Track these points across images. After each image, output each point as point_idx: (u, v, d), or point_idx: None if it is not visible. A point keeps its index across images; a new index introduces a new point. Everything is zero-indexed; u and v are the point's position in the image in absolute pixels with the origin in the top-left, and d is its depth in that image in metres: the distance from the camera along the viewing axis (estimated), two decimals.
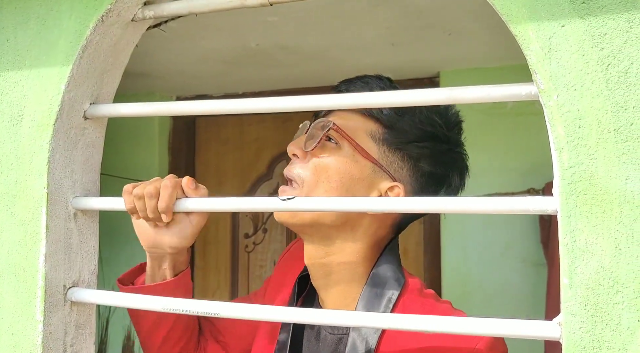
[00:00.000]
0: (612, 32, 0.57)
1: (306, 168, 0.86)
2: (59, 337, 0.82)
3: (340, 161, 0.85)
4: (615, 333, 0.56)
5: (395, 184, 0.86)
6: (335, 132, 0.86)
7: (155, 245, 0.90)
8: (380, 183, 0.86)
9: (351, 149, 0.86)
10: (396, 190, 0.86)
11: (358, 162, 0.85)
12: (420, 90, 0.70)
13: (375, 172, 0.86)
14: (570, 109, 0.59)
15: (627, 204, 0.56)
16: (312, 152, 0.87)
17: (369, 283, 0.86)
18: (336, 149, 0.86)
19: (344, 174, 0.85)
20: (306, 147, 0.87)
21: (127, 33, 0.86)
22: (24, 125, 0.83)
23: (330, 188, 0.84)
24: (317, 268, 0.89)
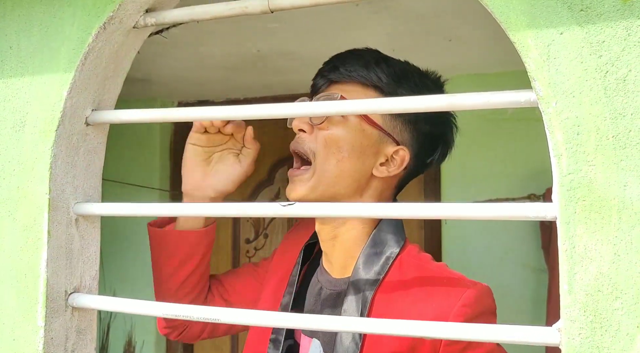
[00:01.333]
0: (610, 39, 0.58)
1: (315, 141, 0.90)
2: (60, 343, 0.82)
3: (349, 131, 0.89)
4: (614, 339, 0.56)
5: (400, 147, 0.92)
6: None
7: (199, 187, 0.94)
8: (386, 148, 0.91)
9: (357, 119, 0.90)
10: (401, 152, 0.91)
11: (365, 130, 0.90)
12: (420, 97, 0.71)
13: (381, 138, 0.91)
14: (569, 115, 0.59)
15: (626, 210, 0.56)
16: (319, 126, 0.90)
17: (370, 242, 0.91)
18: (343, 121, 0.90)
19: (353, 143, 0.89)
20: (313, 120, 0.90)
21: (128, 40, 0.86)
22: (27, 132, 0.84)
23: (342, 157, 0.89)
24: (327, 231, 0.94)
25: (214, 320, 0.77)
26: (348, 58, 0.93)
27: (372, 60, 0.92)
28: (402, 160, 0.91)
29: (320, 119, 0.89)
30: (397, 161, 0.91)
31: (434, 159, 0.97)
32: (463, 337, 0.67)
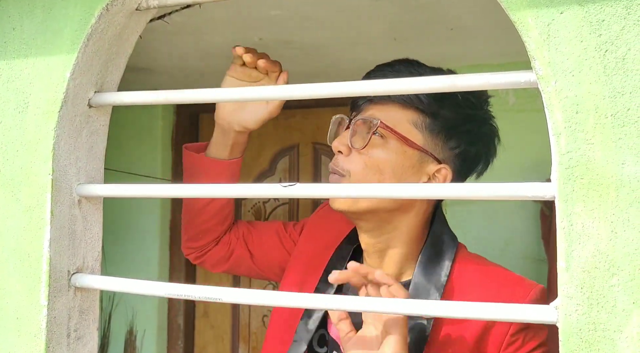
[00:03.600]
0: (610, 18, 0.58)
1: (354, 162, 0.91)
2: (63, 322, 0.83)
3: (390, 154, 0.89)
4: (610, 315, 0.57)
5: (442, 166, 0.91)
6: (382, 128, 0.89)
7: (227, 119, 1.02)
8: (428, 167, 0.91)
9: (398, 142, 0.90)
10: (443, 171, 0.91)
11: (406, 152, 0.90)
12: (422, 78, 0.71)
13: (422, 158, 0.91)
14: (568, 94, 0.60)
15: (624, 188, 0.57)
16: (360, 151, 0.90)
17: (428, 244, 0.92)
18: (383, 143, 0.90)
19: (394, 165, 0.89)
20: (354, 145, 0.90)
21: (131, 22, 0.87)
22: (30, 113, 0.84)
23: (383, 179, 0.89)
24: (371, 247, 0.95)
25: (216, 299, 0.78)
26: (388, 75, 0.91)
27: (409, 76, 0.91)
28: (444, 179, 0.91)
29: (361, 144, 0.90)
30: (439, 179, 0.92)
31: (475, 172, 0.99)
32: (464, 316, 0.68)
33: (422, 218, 0.94)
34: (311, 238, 1.08)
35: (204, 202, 1.07)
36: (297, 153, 2.68)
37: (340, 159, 0.92)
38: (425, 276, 0.89)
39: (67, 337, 0.84)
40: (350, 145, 0.91)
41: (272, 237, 1.13)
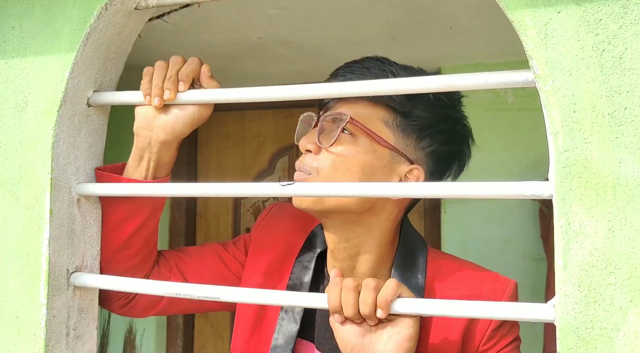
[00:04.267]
0: (607, 17, 0.58)
1: (322, 161, 0.86)
2: (62, 321, 0.83)
3: (359, 152, 0.85)
4: (607, 313, 0.57)
5: (414, 167, 0.88)
6: (351, 124, 0.85)
7: (150, 127, 0.84)
8: (399, 168, 0.87)
9: (368, 139, 0.86)
10: (415, 172, 0.88)
11: (376, 151, 0.86)
12: (419, 78, 0.72)
13: (394, 157, 0.87)
14: (565, 93, 0.60)
15: (621, 187, 0.57)
16: (328, 148, 0.86)
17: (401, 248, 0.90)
18: (352, 141, 0.86)
19: (364, 164, 0.85)
20: (322, 142, 0.86)
21: (130, 21, 0.87)
22: (29, 112, 0.84)
23: (352, 179, 0.85)
24: (341, 250, 0.90)
25: (215, 298, 0.78)
26: (356, 71, 0.87)
27: (381, 75, 0.86)
28: (416, 180, 0.88)
29: (329, 141, 0.85)
30: (411, 180, 0.88)
31: (449, 174, 0.94)
32: (464, 315, 0.68)
33: (394, 222, 0.90)
34: (261, 252, 0.99)
35: (126, 234, 0.89)
36: (296, 152, 2.68)
37: (309, 157, 0.87)
38: (403, 280, 0.87)
39: (66, 336, 0.84)
40: (319, 143, 0.86)
41: (213, 261, 1.00)
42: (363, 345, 0.75)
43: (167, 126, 0.84)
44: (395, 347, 0.73)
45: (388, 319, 0.74)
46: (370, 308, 0.72)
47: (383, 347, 0.74)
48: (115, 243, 0.90)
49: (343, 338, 0.76)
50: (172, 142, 0.86)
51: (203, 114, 0.85)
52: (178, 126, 0.84)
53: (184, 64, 0.83)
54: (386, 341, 0.74)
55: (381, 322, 0.74)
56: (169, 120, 0.84)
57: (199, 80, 0.84)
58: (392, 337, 0.74)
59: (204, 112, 0.85)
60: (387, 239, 0.90)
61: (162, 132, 0.84)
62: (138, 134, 0.86)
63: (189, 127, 0.85)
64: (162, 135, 0.85)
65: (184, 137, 0.88)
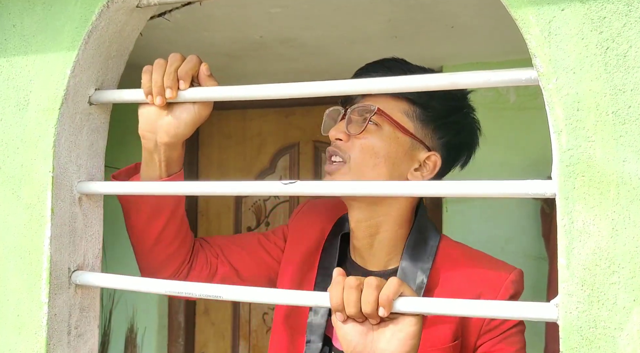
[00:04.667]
0: (612, 15, 0.58)
1: (352, 148, 0.95)
2: (64, 319, 0.83)
3: (384, 140, 0.94)
4: (611, 312, 0.57)
5: (432, 153, 0.97)
6: (378, 115, 0.94)
7: (153, 130, 0.87)
8: (419, 154, 0.96)
9: (392, 128, 0.95)
10: (433, 158, 0.97)
11: (399, 138, 0.95)
12: (423, 76, 0.72)
13: (414, 145, 0.96)
14: (569, 92, 0.59)
15: (624, 186, 0.57)
16: (357, 136, 0.95)
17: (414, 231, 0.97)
18: (378, 130, 0.95)
19: (388, 150, 0.94)
20: (350, 131, 0.95)
21: (132, 19, 0.87)
22: (30, 110, 0.84)
23: (378, 163, 0.94)
24: (363, 229, 0.97)
25: (216, 297, 0.78)
26: (379, 71, 0.96)
27: (401, 73, 0.94)
28: (434, 165, 0.97)
29: (358, 130, 0.94)
30: (429, 166, 0.97)
31: (459, 162, 1.03)
32: (465, 314, 0.68)
33: (411, 203, 0.98)
34: (298, 240, 1.08)
35: (157, 230, 0.95)
36: (297, 151, 2.68)
37: (339, 145, 0.96)
38: (411, 261, 0.94)
39: (67, 335, 0.84)
40: (347, 132, 0.95)
41: (256, 249, 1.09)
42: (365, 343, 0.75)
43: (170, 128, 0.86)
44: (398, 345, 0.73)
45: (390, 318, 0.74)
46: (372, 307, 0.72)
47: (385, 345, 0.74)
48: (150, 239, 0.97)
49: (345, 337, 0.76)
50: (176, 143, 0.89)
51: (203, 114, 0.87)
52: (180, 128, 0.86)
53: (183, 61, 0.84)
54: (388, 339, 0.74)
55: (383, 320, 0.74)
56: (172, 122, 0.86)
57: (198, 78, 0.85)
58: (395, 335, 0.74)
59: (204, 111, 0.87)
60: (403, 219, 0.97)
61: (166, 135, 0.87)
62: (143, 136, 0.89)
63: (190, 128, 0.87)
64: (166, 137, 0.87)
65: None
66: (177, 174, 0.93)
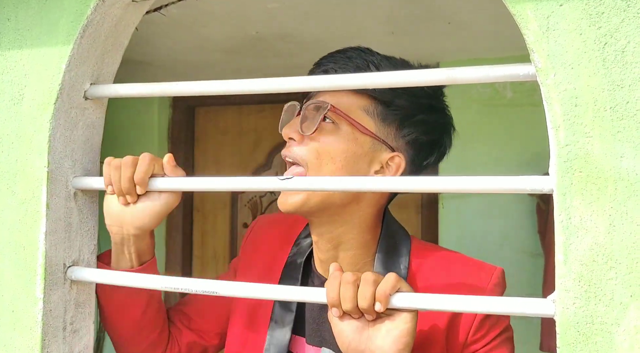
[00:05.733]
0: (610, 11, 0.58)
1: (307, 150, 0.87)
2: (59, 315, 0.83)
3: (341, 141, 0.86)
4: (608, 308, 0.57)
5: (395, 154, 0.89)
6: (332, 112, 0.87)
7: (120, 223, 0.85)
8: (381, 155, 0.88)
9: (350, 127, 0.87)
10: (396, 159, 0.89)
11: (358, 139, 0.87)
12: (420, 71, 0.71)
13: (375, 145, 0.88)
14: (567, 87, 0.59)
15: (622, 182, 0.57)
16: (310, 136, 0.87)
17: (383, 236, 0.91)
18: (334, 129, 0.87)
19: (346, 152, 0.86)
20: (304, 130, 0.87)
21: (127, 14, 0.86)
22: (25, 104, 0.84)
23: (335, 168, 0.86)
24: (325, 242, 0.91)
25: (213, 293, 0.78)
26: (339, 61, 0.88)
27: (362, 64, 0.87)
28: (397, 167, 0.89)
29: (311, 129, 0.86)
30: (392, 168, 0.89)
31: (429, 162, 0.95)
32: (465, 310, 0.68)
33: (375, 209, 0.91)
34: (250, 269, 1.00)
35: (136, 317, 0.93)
36: None
37: (294, 146, 0.88)
38: (385, 268, 0.88)
39: (62, 330, 0.83)
40: (301, 131, 0.87)
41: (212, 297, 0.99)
42: (360, 340, 0.74)
43: (136, 222, 0.85)
44: (393, 341, 0.73)
45: (386, 314, 0.73)
46: (369, 302, 0.72)
47: (381, 341, 0.73)
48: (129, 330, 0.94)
49: (341, 333, 0.75)
50: (144, 234, 0.88)
51: (171, 203, 0.85)
52: (146, 220, 0.85)
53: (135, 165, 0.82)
54: (384, 336, 0.73)
55: (379, 316, 0.74)
56: (138, 215, 0.84)
57: (163, 170, 0.83)
58: (390, 331, 0.73)
59: (171, 201, 0.85)
60: (368, 225, 0.90)
61: (132, 229, 0.86)
62: (110, 230, 0.87)
63: (157, 220, 0.85)
64: (133, 230, 0.86)
65: None
66: (149, 263, 0.91)
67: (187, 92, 0.83)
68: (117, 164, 0.83)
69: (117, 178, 0.82)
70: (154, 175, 0.83)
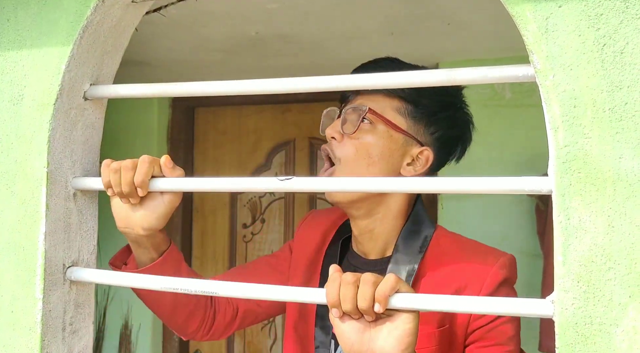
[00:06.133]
0: (609, 12, 0.58)
1: (347, 147, 0.98)
2: (59, 315, 0.83)
3: (378, 138, 0.97)
4: (607, 309, 0.57)
5: (424, 148, 1.00)
6: (370, 114, 0.97)
7: (128, 225, 0.89)
8: (412, 150, 0.99)
9: (385, 127, 0.98)
10: (425, 153, 1.00)
11: (392, 136, 0.98)
12: (420, 72, 0.72)
13: (407, 141, 0.99)
14: (566, 88, 0.59)
15: (621, 182, 0.57)
16: (351, 135, 0.98)
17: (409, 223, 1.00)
18: (372, 128, 0.98)
19: (382, 148, 0.97)
20: (345, 130, 0.98)
21: (127, 14, 0.86)
22: (25, 105, 0.84)
23: (372, 162, 0.97)
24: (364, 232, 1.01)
25: (212, 293, 0.78)
26: (372, 69, 0.98)
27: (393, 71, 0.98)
28: (426, 160, 1.00)
29: (351, 129, 0.97)
30: (422, 160, 1.00)
31: (454, 156, 1.06)
32: (462, 310, 0.68)
33: (408, 197, 1.01)
34: (302, 249, 1.11)
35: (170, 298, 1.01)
36: (293, 148, 2.68)
37: (333, 144, 0.99)
38: (404, 251, 0.97)
39: (62, 331, 0.83)
40: (342, 132, 0.98)
41: (266, 271, 1.13)
42: (363, 341, 0.75)
43: (144, 224, 0.88)
44: (395, 342, 0.73)
45: (387, 314, 0.74)
46: (368, 303, 0.72)
47: (383, 342, 0.74)
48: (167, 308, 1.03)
49: (342, 334, 0.76)
50: (154, 233, 0.91)
51: (175, 202, 0.89)
52: (153, 222, 0.88)
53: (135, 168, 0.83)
54: (386, 337, 0.74)
55: (380, 318, 0.74)
56: (144, 217, 0.88)
57: (162, 172, 0.85)
58: (392, 332, 0.73)
59: (175, 200, 0.89)
60: (400, 211, 1.00)
61: (141, 230, 0.89)
62: (123, 231, 0.91)
63: (164, 219, 0.89)
64: (142, 231, 0.89)
65: None
66: (168, 251, 0.96)
67: (186, 92, 0.83)
68: (116, 167, 0.83)
69: (117, 181, 0.83)
70: (153, 176, 0.84)
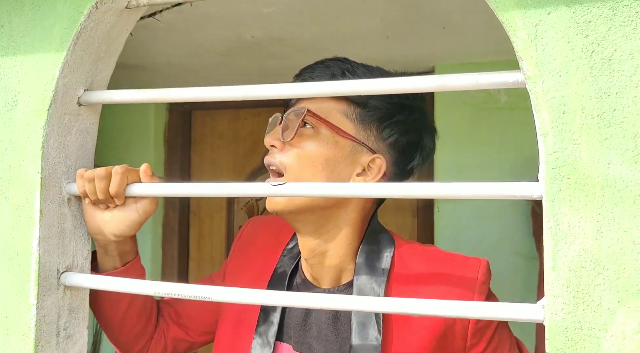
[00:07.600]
0: (597, 19, 0.58)
1: (287, 156, 0.88)
2: (53, 321, 0.83)
3: (321, 145, 0.88)
4: (596, 314, 0.57)
5: (376, 156, 0.90)
6: (311, 117, 0.88)
7: (100, 232, 0.88)
8: (362, 158, 0.89)
9: (329, 131, 0.88)
10: (377, 161, 0.89)
11: (338, 142, 0.88)
12: (411, 78, 0.72)
13: (355, 148, 0.89)
14: (555, 95, 0.60)
15: (609, 188, 0.57)
16: (290, 142, 0.88)
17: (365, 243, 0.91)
18: (314, 134, 0.88)
19: (326, 156, 0.87)
20: (284, 137, 0.88)
21: (121, 20, 0.86)
22: (19, 111, 0.84)
23: (316, 171, 0.87)
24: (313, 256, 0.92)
25: (205, 298, 0.78)
26: (316, 70, 0.91)
27: (338, 72, 0.89)
28: (378, 169, 0.89)
29: (290, 135, 0.88)
30: (374, 170, 0.89)
31: (413, 165, 0.95)
32: (454, 314, 0.68)
33: (361, 214, 0.91)
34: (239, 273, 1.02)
35: (122, 310, 0.97)
36: None
37: (275, 153, 0.90)
38: (366, 275, 0.88)
39: (56, 336, 0.83)
40: (281, 138, 0.89)
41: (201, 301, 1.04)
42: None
43: (116, 230, 0.88)
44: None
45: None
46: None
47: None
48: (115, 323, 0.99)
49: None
50: (124, 240, 0.91)
51: (148, 211, 0.89)
52: (125, 229, 0.88)
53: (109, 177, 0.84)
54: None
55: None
56: (115, 223, 0.88)
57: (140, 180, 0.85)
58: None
59: (149, 208, 0.88)
60: (353, 232, 0.91)
61: (113, 236, 0.89)
62: (94, 238, 0.91)
63: (135, 227, 0.89)
64: (113, 237, 0.89)
65: None
66: (132, 262, 0.95)
67: (181, 98, 0.83)
68: (89, 176, 0.84)
69: (92, 190, 0.84)
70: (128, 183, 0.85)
